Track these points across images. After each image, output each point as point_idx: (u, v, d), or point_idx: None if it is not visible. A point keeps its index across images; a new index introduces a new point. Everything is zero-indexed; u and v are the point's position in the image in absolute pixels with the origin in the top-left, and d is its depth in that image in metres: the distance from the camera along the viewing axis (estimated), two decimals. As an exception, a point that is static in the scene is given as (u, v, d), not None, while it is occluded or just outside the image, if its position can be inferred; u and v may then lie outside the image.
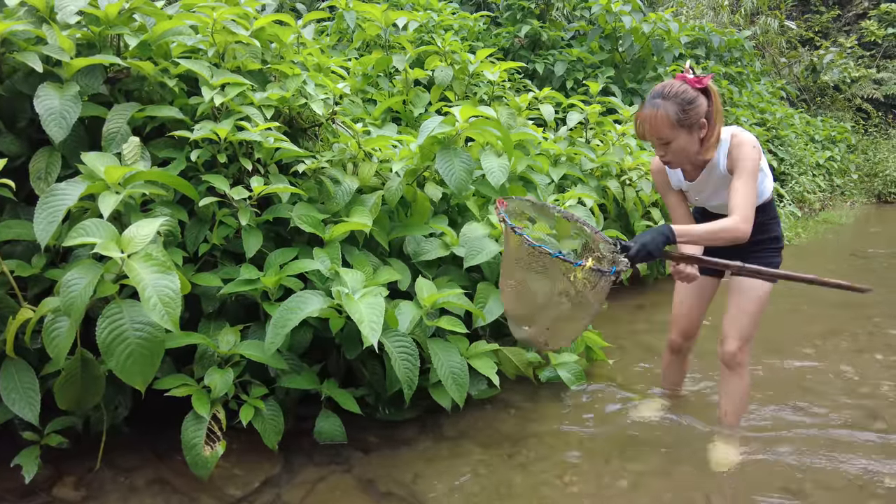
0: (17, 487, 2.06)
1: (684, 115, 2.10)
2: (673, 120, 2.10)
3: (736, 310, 2.39)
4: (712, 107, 2.15)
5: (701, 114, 2.12)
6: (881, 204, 12.38)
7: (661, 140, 2.15)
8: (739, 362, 2.39)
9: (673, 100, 2.10)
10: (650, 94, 2.17)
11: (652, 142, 2.19)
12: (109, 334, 1.82)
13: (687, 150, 2.17)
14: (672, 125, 2.11)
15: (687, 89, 2.11)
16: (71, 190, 1.97)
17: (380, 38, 4.89)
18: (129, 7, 2.53)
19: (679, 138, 2.14)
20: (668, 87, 2.14)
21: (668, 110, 2.10)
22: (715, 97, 2.15)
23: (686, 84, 2.13)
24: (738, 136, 2.19)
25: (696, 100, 2.11)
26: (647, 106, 2.14)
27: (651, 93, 2.18)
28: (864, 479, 2.22)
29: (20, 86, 2.35)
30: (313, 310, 2.20)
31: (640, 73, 7.24)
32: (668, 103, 2.10)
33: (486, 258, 2.75)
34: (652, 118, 2.12)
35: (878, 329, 3.97)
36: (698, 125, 2.13)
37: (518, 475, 2.27)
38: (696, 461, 2.34)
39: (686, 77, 2.15)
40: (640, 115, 2.17)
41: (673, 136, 2.13)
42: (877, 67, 15.23)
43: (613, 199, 4.60)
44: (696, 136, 2.16)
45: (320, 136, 3.11)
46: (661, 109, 2.10)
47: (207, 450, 2.08)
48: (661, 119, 2.10)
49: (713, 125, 2.16)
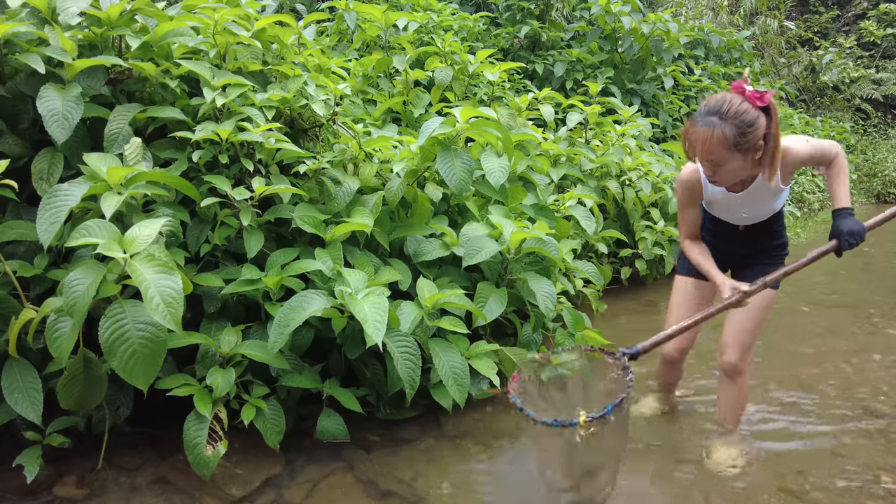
0: (19, 487, 2.07)
1: (742, 138, 1.89)
2: (730, 143, 1.88)
3: (740, 319, 2.32)
4: (772, 127, 1.93)
5: (760, 136, 1.91)
6: (881, 204, 12.37)
7: (713, 162, 1.95)
8: (740, 371, 2.35)
9: (732, 121, 1.88)
10: (704, 109, 1.92)
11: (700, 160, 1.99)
12: (112, 334, 1.82)
13: (739, 173, 1.99)
14: (728, 148, 1.89)
15: (748, 109, 1.89)
16: (73, 190, 1.98)
17: (380, 38, 4.89)
18: (130, 8, 2.54)
19: (733, 161, 1.93)
20: (726, 103, 1.90)
21: (726, 132, 1.88)
22: (775, 115, 1.93)
23: (746, 102, 1.90)
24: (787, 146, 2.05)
25: (756, 121, 1.89)
26: (701, 124, 1.90)
27: (706, 107, 1.92)
28: (864, 479, 2.22)
29: (22, 87, 2.36)
30: (316, 309, 2.21)
31: (640, 73, 7.25)
32: (726, 124, 1.88)
33: (485, 257, 2.76)
34: (706, 139, 1.89)
35: (877, 329, 3.98)
36: (755, 148, 1.93)
37: (517, 474, 2.28)
38: (697, 461, 2.35)
39: (745, 90, 1.92)
40: (691, 132, 1.94)
41: (727, 160, 1.93)
42: (876, 68, 15.23)
43: (613, 200, 4.61)
44: (751, 157, 1.95)
45: (321, 137, 3.11)
46: (719, 130, 1.88)
47: (209, 449, 2.09)
48: (717, 141, 1.89)
49: (771, 147, 1.95)
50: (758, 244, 2.38)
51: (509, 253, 2.90)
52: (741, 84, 1.94)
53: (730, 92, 1.96)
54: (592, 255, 4.42)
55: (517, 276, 2.96)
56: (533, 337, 3.12)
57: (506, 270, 2.99)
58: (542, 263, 3.08)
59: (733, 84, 1.96)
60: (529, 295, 2.92)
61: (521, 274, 2.95)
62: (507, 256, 2.93)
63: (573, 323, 3.28)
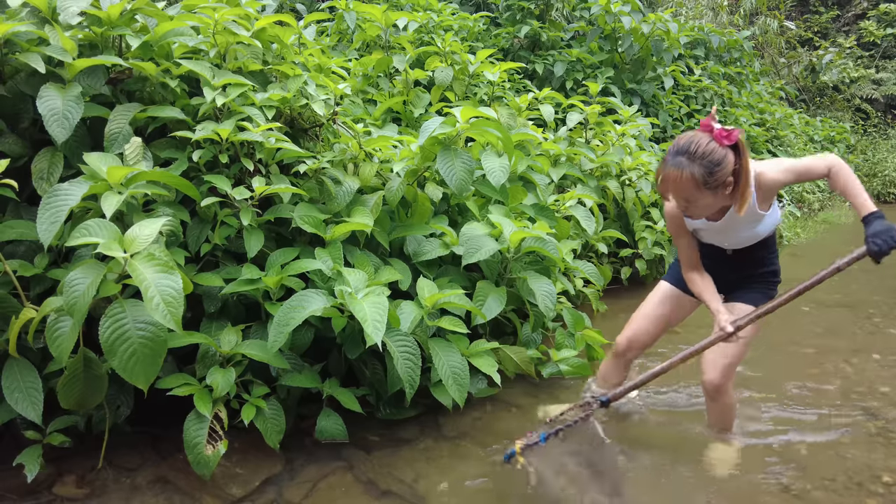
0: (19, 486, 2.07)
1: (711, 177, 1.95)
2: (699, 182, 1.96)
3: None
4: (741, 162, 1.99)
5: (728, 173, 1.97)
6: (881, 204, 12.37)
7: (685, 199, 2.03)
8: (722, 391, 2.32)
9: (700, 161, 1.94)
10: (674, 149, 1.99)
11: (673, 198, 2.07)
12: (112, 334, 1.82)
13: (711, 208, 2.06)
14: (698, 187, 1.97)
15: (715, 149, 1.95)
16: (73, 190, 1.98)
17: (380, 38, 4.89)
18: (130, 8, 2.54)
19: (704, 198, 2.01)
20: (694, 143, 1.96)
21: (695, 172, 1.95)
22: (744, 151, 1.99)
23: (714, 142, 1.96)
24: (761, 172, 2.09)
25: (724, 160, 1.95)
26: (671, 164, 1.98)
27: (675, 147, 1.99)
28: (864, 478, 2.22)
29: (22, 86, 2.36)
30: (316, 309, 2.21)
31: (640, 73, 7.25)
32: (694, 165, 1.94)
33: (484, 256, 2.76)
34: (676, 179, 1.97)
35: (877, 329, 3.98)
36: (724, 184, 1.99)
37: (517, 475, 2.28)
38: (696, 460, 2.35)
39: (712, 128, 1.98)
40: (662, 173, 2.01)
41: (698, 197, 2.01)
42: (876, 68, 15.24)
43: (613, 200, 4.61)
44: (721, 192, 2.01)
45: (321, 137, 3.11)
46: (687, 170, 1.95)
47: (209, 449, 2.09)
48: (687, 181, 1.96)
49: (742, 182, 2.02)
50: (745, 269, 2.39)
51: (509, 252, 2.90)
52: (709, 122, 1.99)
53: (699, 130, 2.01)
54: (592, 254, 4.43)
55: (517, 276, 2.96)
56: (532, 336, 3.13)
57: (505, 270, 2.99)
58: (542, 263, 3.09)
59: (702, 122, 2.01)
60: (529, 294, 2.93)
61: (520, 273, 2.95)
62: (507, 256, 2.93)
63: (573, 323, 3.29)
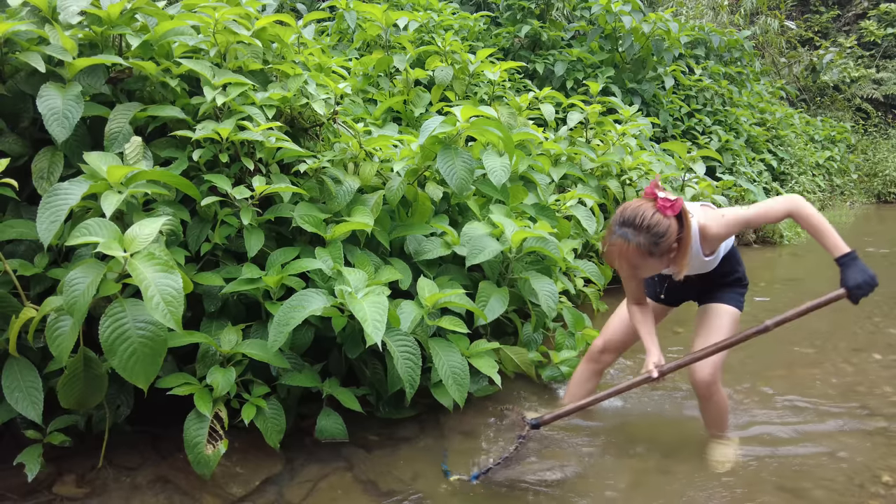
0: (19, 485, 2.07)
1: (656, 247, 2.01)
2: (645, 252, 2.01)
3: (707, 337, 2.32)
4: (684, 229, 2.05)
5: (672, 241, 2.03)
6: (881, 204, 12.38)
7: (631, 265, 2.09)
8: (713, 390, 2.34)
9: (645, 233, 1.99)
10: (620, 219, 2.04)
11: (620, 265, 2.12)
12: (112, 333, 1.82)
13: (658, 269, 2.13)
14: (643, 256, 2.03)
15: (659, 221, 2.00)
16: (74, 189, 1.97)
17: (380, 38, 4.89)
18: (131, 7, 2.54)
19: (650, 264, 2.07)
20: (639, 215, 2.01)
21: (640, 243, 2.00)
22: (685, 221, 2.05)
23: (658, 213, 2.01)
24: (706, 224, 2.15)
25: (668, 230, 2.00)
26: (617, 234, 2.03)
27: (620, 218, 2.04)
28: (864, 478, 2.22)
29: (22, 86, 2.36)
30: (316, 308, 2.21)
31: (640, 72, 7.25)
32: (640, 236, 2.00)
33: (487, 257, 2.75)
34: (622, 250, 2.03)
35: (877, 329, 3.98)
36: (669, 250, 2.05)
37: (518, 474, 2.28)
38: (697, 460, 2.35)
39: (656, 197, 2.03)
40: (609, 241, 2.07)
41: (643, 264, 2.07)
42: (876, 67, 15.23)
43: (614, 199, 4.61)
44: (667, 257, 2.07)
45: (321, 136, 3.11)
46: (633, 242, 2.00)
47: (209, 448, 2.09)
48: (633, 251, 2.02)
49: (684, 245, 2.08)
50: (712, 282, 2.42)
51: (511, 252, 2.90)
52: (652, 190, 2.04)
53: (644, 198, 2.05)
54: (593, 254, 4.42)
55: (518, 276, 2.96)
56: (533, 336, 3.13)
57: (507, 269, 2.99)
58: (544, 263, 3.08)
59: (646, 189, 2.06)
60: (531, 294, 2.92)
61: (522, 273, 2.95)
62: (509, 256, 2.93)
63: (573, 322, 3.29)
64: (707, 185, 4.98)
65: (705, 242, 2.18)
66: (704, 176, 5.16)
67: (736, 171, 7.66)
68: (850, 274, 2.00)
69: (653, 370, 2.20)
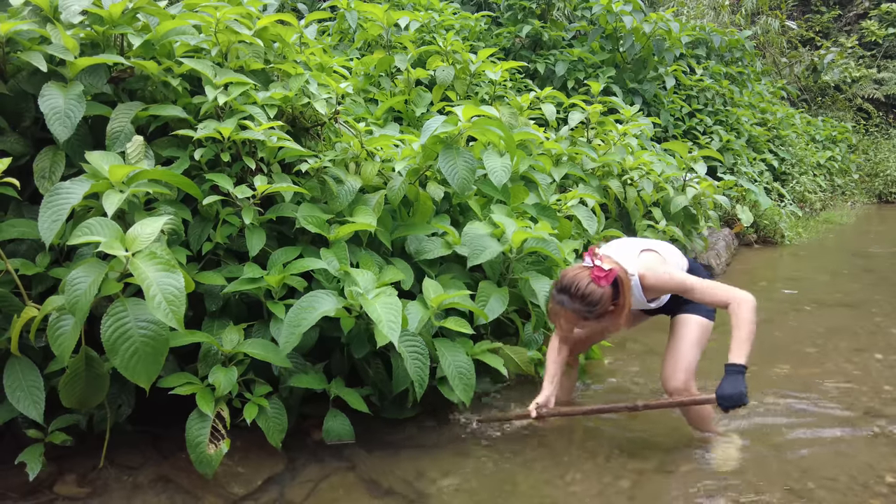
0: (20, 485, 2.07)
1: (590, 313, 2.12)
2: (580, 317, 2.14)
3: (673, 350, 2.39)
4: (621, 293, 2.14)
5: (607, 304, 2.12)
6: (882, 204, 12.37)
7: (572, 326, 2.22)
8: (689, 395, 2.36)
9: (579, 301, 2.11)
10: (559, 285, 2.16)
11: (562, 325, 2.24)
12: (114, 332, 1.82)
13: (597, 329, 2.29)
14: (578, 320, 2.16)
15: (593, 291, 2.10)
16: (75, 188, 1.97)
17: (381, 37, 4.89)
18: (132, 7, 2.54)
19: (587, 325, 2.20)
20: (574, 284, 2.11)
21: (576, 308, 2.12)
22: (622, 287, 2.13)
23: (593, 283, 2.10)
24: (644, 275, 2.23)
25: (602, 297, 2.11)
26: (556, 300, 2.17)
27: (560, 283, 2.16)
28: (867, 478, 2.22)
29: (24, 85, 2.36)
30: (328, 309, 2.21)
31: (641, 72, 7.24)
32: (574, 304, 2.12)
33: (489, 257, 2.76)
34: (561, 314, 2.17)
35: (879, 328, 3.97)
36: (605, 313, 2.15)
37: (521, 474, 2.27)
38: (698, 460, 2.35)
39: (592, 265, 2.13)
40: (549, 307, 2.23)
41: (582, 325, 2.20)
42: (877, 67, 15.22)
43: (615, 199, 4.61)
44: (605, 318, 2.18)
45: (323, 136, 3.11)
46: (569, 308, 2.13)
47: (212, 448, 2.08)
48: (570, 316, 2.15)
49: (621, 306, 2.17)
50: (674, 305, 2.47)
51: (511, 252, 2.89)
52: (590, 256, 2.14)
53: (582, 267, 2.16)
54: (594, 254, 4.41)
55: (519, 276, 2.96)
56: (534, 336, 3.12)
57: (507, 270, 2.99)
58: (545, 263, 3.08)
59: (584, 254, 2.16)
60: (531, 294, 2.92)
61: (522, 273, 2.95)
62: (510, 256, 2.93)
63: (575, 322, 3.28)
64: (708, 185, 4.98)
65: (647, 292, 2.26)
66: (705, 176, 5.16)
67: (737, 170, 7.65)
68: (727, 383, 2.07)
69: (532, 410, 2.34)
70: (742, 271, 5.66)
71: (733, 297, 2.13)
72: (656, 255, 2.32)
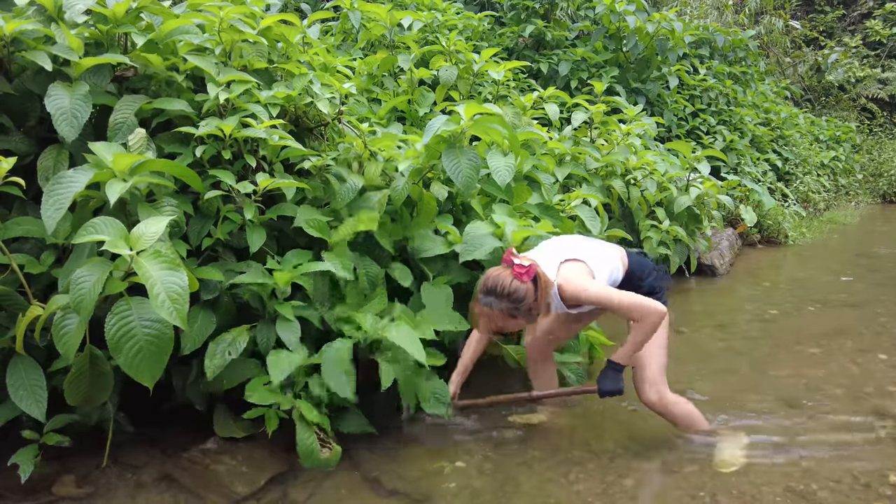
0: (20, 485, 2.06)
1: (517, 310, 2.20)
2: (507, 315, 2.21)
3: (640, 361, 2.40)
4: (539, 288, 2.22)
5: (530, 301, 2.20)
6: (886, 204, 12.32)
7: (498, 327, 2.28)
8: (664, 403, 2.40)
9: (505, 300, 2.18)
10: (483, 288, 2.23)
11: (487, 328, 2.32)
12: (118, 331, 1.83)
13: (521, 327, 2.35)
14: (505, 319, 2.23)
15: (517, 288, 2.17)
16: (78, 177, 1.97)
17: (384, 37, 4.89)
18: (136, 6, 2.54)
19: (514, 324, 2.27)
20: (499, 284, 2.19)
21: (501, 308, 2.19)
22: (541, 279, 2.22)
23: (516, 280, 2.18)
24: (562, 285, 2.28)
25: (525, 294, 2.18)
26: (482, 303, 2.23)
27: (484, 286, 2.23)
28: (871, 479, 2.21)
29: (29, 84, 2.36)
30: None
31: (645, 72, 7.23)
32: (501, 303, 2.19)
33: (483, 254, 2.75)
34: (486, 315, 2.23)
35: (884, 329, 3.96)
36: (529, 310, 2.22)
37: (523, 473, 2.27)
38: (702, 460, 2.34)
39: (512, 264, 2.21)
40: (475, 307, 2.27)
41: (508, 324, 2.26)
42: (882, 67, 15.17)
43: (618, 199, 4.60)
44: (530, 315, 2.25)
45: (326, 136, 3.11)
46: (496, 308, 2.20)
47: (325, 452, 2.22)
48: (495, 316, 2.22)
49: (539, 303, 2.24)
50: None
51: (513, 251, 2.89)
52: (509, 257, 2.22)
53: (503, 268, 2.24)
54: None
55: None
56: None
57: (510, 269, 2.98)
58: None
59: (504, 256, 2.25)
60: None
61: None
62: (512, 255, 2.92)
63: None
64: (712, 184, 4.97)
65: (566, 301, 2.32)
66: (709, 176, 5.15)
67: (741, 170, 7.63)
68: (609, 380, 2.30)
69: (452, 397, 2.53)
70: (746, 271, 5.64)
71: (645, 313, 2.19)
72: (578, 267, 2.33)
